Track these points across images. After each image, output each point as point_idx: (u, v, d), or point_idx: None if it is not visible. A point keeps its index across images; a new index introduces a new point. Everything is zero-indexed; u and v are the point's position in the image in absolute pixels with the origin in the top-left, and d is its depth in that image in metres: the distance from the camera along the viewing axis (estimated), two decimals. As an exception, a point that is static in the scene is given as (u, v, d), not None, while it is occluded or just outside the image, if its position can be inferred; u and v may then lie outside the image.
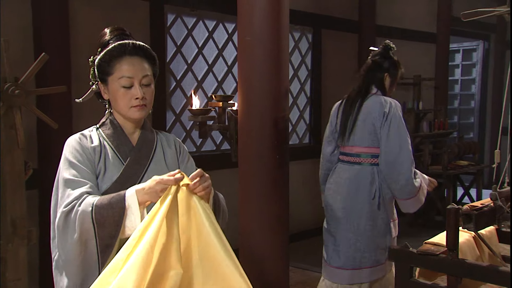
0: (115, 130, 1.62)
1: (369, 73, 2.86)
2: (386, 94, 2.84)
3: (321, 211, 5.73)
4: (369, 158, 2.78)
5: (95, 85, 1.64)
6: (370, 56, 2.91)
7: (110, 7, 3.77)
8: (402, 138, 2.69)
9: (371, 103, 2.76)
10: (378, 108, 2.73)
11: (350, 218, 2.77)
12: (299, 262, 4.46)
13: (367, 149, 2.78)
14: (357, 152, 2.80)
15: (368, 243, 2.75)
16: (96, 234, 1.43)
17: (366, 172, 2.77)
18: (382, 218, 2.75)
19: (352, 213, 2.77)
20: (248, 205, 2.66)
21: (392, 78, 2.86)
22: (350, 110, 2.82)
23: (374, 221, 2.74)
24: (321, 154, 3.03)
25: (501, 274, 2.04)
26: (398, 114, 2.72)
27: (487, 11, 2.42)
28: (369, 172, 2.77)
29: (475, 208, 2.17)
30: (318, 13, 5.39)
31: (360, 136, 2.78)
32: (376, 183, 2.75)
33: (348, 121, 2.81)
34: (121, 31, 1.63)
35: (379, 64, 2.84)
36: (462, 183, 6.15)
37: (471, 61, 8.29)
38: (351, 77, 5.80)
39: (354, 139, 2.80)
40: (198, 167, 1.79)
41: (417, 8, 6.53)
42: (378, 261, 2.77)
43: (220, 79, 4.68)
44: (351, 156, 2.82)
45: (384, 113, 2.71)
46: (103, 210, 1.42)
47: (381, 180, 2.75)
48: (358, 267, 2.76)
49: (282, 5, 2.57)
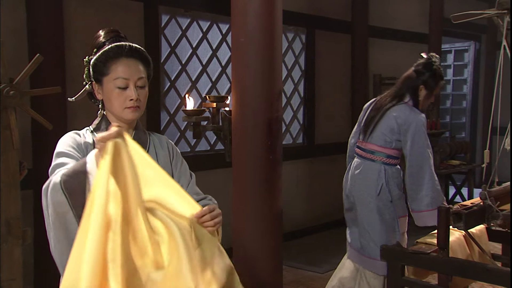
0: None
1: (406, 81, 2.93)
2: (419, 105, 2.89)
3: (314, 211, 5.78)
4: (383, 157, 2.89)
5: (88, 85, 1.65)
6: (415, 64, 2.95)
7: (104, 8, 3.77)
8: (423, 155, 2.77)
9: (398, 110, 2.84)
10: (401, 118, 2.81)
11: (363, 210, 2.91)
12: (292, 261, 4.49)
13: (380, 148, 2.89)
14: (371, 149, 2.92)
15: (379, 236, 2.84)
16: (70, 205, 1.40)
17: (374, 169, 2.89)
18: (389, 213, 2.85)
19: (363, 206, 2.90)
20: (242, 204, 2.67)
21: (429, 91, 2.90)
22: (377, 112, 2.91)
23: (382, 216, 2.84)
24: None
25: (490, 272, 2.07)
26: (419, 130, 2.78)
27: (476, 13, 2.46)
28: (376, 169, 2.88)
29: (465, 207, 2.20)
30: (311, 14, 5.41)
31: (377, 135, 2.90)
32: (383, 180, 2.85)
33: (372, 122, 2.92)
34: (116, 33, 1.65)
35: (417, 74, 2.89)
36: (454, 182, 6.20)
37: (463, 62, 8.35)
38: (342, 77, 5.85)
39: (372, 137, 2.91)
40: (193, 166, 1.81)
41: (409, 9, 6.57)
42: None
43: (214, 79, 4.70)
44: (366, 152, 2.95)
45: (405, 124, 2.79)
46: (70, 178, 1.40)
47: (388, 178, 2.85)
48: (373, 257, 2.85)
49: (276, 6, 2.59)
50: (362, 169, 2.95)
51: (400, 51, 6.44)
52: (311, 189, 5.53)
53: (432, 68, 2.86)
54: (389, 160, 2.89)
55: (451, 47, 8.26)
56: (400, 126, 2.83)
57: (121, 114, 1.60)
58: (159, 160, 1.69)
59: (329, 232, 5.51)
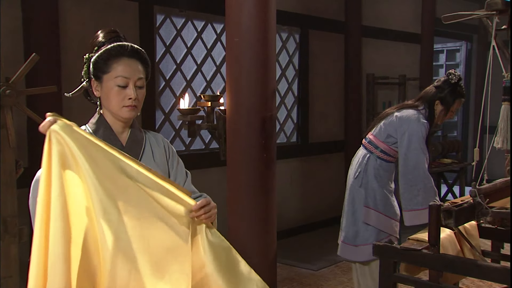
0: (105, 129, 1.65)
1: (424, 94, 2.98)
2: (434, 120, 2.94)
3: (307, 209, 5.82)
4: (377, 151, 2.96)
5: (86, 82, 1.67)
6: (436, 80, 3.03)
7: (99, 7, 3.79)
8: (418, 158, 2.83)
9: (403, 112, 2.91)
10: (403, 119, 2.88)
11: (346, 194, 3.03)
12: (286, 258, 4.52)
13: (378, 141, 2.96)
14: (371, 139, 3.00)
15: (345, 218, 2.97)
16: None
17: (361, 154, 3.00)
18: (359, 199, 2.92)
19: (347, 189, 3.03)
20: (237, 202, 2.70)
21: (445, 107, 2.93)
22: (390, 111, 2.99)
23: (353, 200, 2.95)
24: None
25: (480, 268, 2.10)
26: (416, 134, 2.83)
27: (466, 14, 2.50)
28: (362, 155, 2.99)
29: (455, 205, 2.24)
30: (305, 14, 5.45)
31: (379, 129, 2.98)
32: (362, 166, 2.94)
33: (383, 119, 2.99)
34: (116, 34, 1.68)
35: (436, 89, 2.93)
36: (446, 180, 6.27)
37: (455, 61, 8.42)
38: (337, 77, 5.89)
39: (375, 130, 3.00)
40: (188, 165, 1.84)
41: (402, 10, 6.62)
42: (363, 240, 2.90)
43: (208, 78, 4.72)
44: (366, 141, 3.03)
45: (402, 126, 2.86)
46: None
47: (369, 166, 2.93)
48: (345, 241, 2.95)
49: (270, 6, 2.62)
50: (356, 154, 3.08)
51: (393, 51, 6.50)
52: (304, 187, 5.57)
53: (450, 84, 2.91)
54: (381, 155, 2.95)
55: (443, 47, 8.34)
56: (398, 127, 2.89)
57: (119, 112, 1.63)
58: (155, 157, 1.71)
59: (323, 230, 5.55)
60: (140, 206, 1.42)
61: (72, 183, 1.38)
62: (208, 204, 1.53)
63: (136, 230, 1.39)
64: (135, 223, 1.40)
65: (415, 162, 2.81)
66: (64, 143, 1.37)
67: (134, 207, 1.41)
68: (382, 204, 2.92)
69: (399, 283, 2.39)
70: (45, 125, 1.38)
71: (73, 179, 1.38)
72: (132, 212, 1.40)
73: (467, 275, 2.42)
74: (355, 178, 2.96)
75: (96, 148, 1.41)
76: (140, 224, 1.41)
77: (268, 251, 2.71)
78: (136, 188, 1.43)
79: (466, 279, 3.66)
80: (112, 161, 1.42)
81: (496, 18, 2.54)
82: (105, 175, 1.39)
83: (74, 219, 1.39)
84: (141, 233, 1.40)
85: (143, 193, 1.43)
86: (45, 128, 1.38)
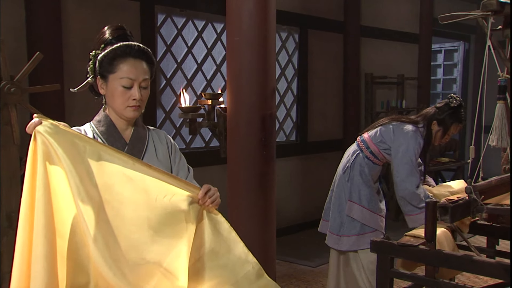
0: (109, 127, 1.67)
1: (424, 113, 3.05)
2: (431, 138, 2.99)
3: (306, 207, 5.85)
4: (367, 151, 3.02)
5: (91, 78, 1.67)
6: (438, 102, 3.11)
7: (101, 7, 3.82)
8: (408, 173, 2.88)
9: (406, 127, 2.96)
10: (397, 134, 2.95)
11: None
12: (285, 255, 4.56)
13: (370, 142, 3.03)
14: (364, 138, 3.07)
15: (332, 208, 3.07)
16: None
17: (352, 151, 3.08)
18: (345, 193, 3.01)
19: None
20: (236, 200, 2.73)
21: (442, 129, 2.99)
22: (391, 121, 3.04)
23: (340, 192, 3.04)
24: None
25: (475, 263, 2.14)
26: (411, 153, 2.88)
27: (462, 14, 2.54)
28: (352, 150, 3.07)
29: (451, 201, 2.28)
30: (304, 14, 5.48)
31: (375, 132, 3.05)
32: (350, 162, 3.03)
33: (383, 125, 3.05)
34: (123, 31, 1.67)
35: (436, 110, 3.00)
36: (444, 179, 6.32)
37: (453, 61, 8.46)
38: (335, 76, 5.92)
39: (372, 132, 3.07)
40: (188, 163, 1.87)
41: (400, 10, 6.66)
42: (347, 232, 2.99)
43: (209, 77, 4.76)
44: (359, 138, 3.11)
45: (401, 142, 2.91)
46: None
47: (355, 162, 3.02)
48: (331, 231, 3.06)
49: (269, 6, 2.65)
50: (348, 149, 3.17)
51: (391, 50, 6.54)
52: (303, 185, 5.61)
53: (451, 107, 2.97)
54: (370, 156, 3.03)
55: (441, 47, 8.38)
56: (395, 138, 2.95)
57: (123, 112, 1.65)
58: (158, 154, 1.73)
59: (321, 228, 5.58)
60: (131, 201, 1.45)
61: (57, 181, 1.40)
62: (210, 189, 1.58)
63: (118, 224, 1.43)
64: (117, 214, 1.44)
65: (404, 176, 2.88)
66: (49, 143, 1.38)
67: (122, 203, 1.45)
68: (366, 199, 2.99)
69: (396, 278, 2.43)
70: (30, 126, 1.40)
71: (59, 178, 1.40)
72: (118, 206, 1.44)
73: (463, 271, 2.46)
74: (343, 172, 3.05)
75: (85, 144, 1.43)
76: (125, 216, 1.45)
77: (267, 248, 2.74)
78: (128, 181, 1.47)
79: (462, 275, 3.70)
80: (103, 155, 1.45)
81: (492, 19, 2.58)
82: (89, 174, 1.41)
83: (61, 215, 1.40)
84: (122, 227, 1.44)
85: (137, 186, 1.47)
86: (30, 129, 1.40)
